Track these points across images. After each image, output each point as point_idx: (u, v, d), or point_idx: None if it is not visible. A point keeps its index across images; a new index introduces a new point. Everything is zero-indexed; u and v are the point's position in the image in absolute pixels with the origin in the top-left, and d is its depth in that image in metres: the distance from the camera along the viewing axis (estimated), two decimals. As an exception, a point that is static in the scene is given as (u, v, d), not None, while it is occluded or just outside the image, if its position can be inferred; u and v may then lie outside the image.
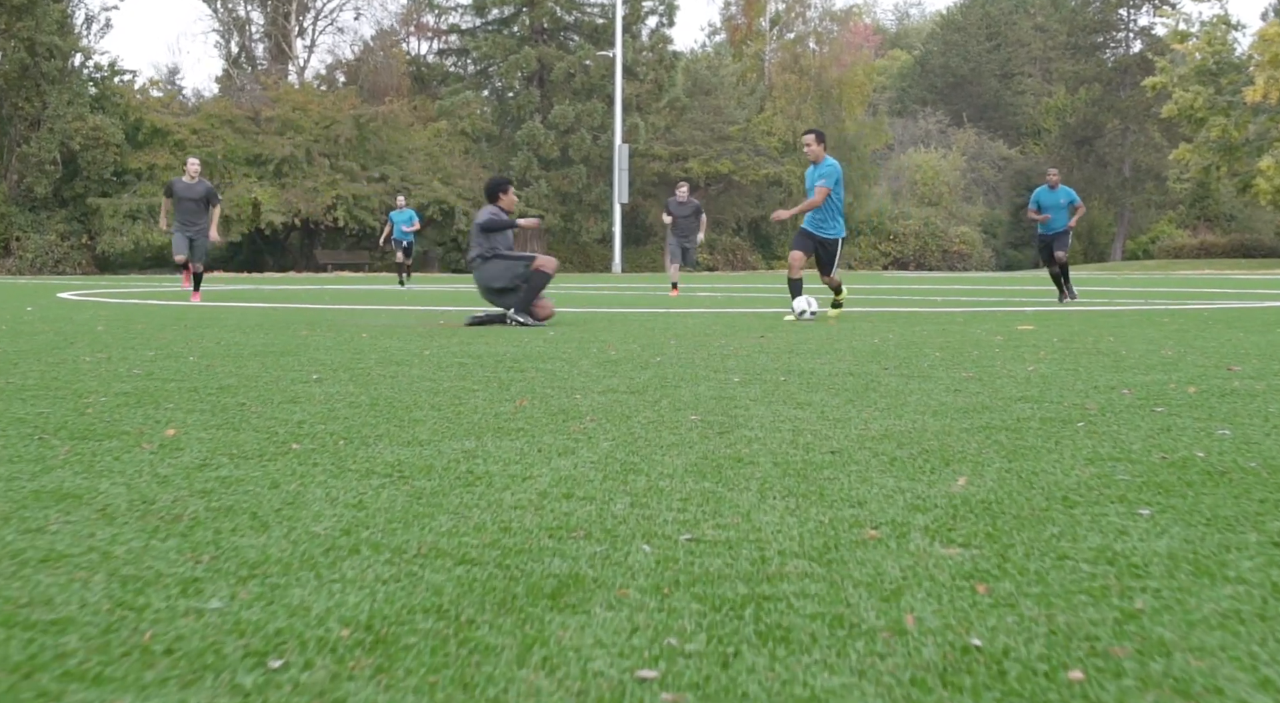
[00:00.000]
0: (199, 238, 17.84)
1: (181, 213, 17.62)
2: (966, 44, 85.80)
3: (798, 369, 6.69)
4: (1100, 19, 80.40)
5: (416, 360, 7.27)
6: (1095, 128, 77.99)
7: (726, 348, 8.37)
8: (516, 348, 8.36)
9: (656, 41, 60.28)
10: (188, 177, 17.89)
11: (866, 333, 9.95)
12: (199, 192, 17.67)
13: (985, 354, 7.68)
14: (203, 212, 17.70)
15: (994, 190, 77.83)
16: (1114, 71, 78.20)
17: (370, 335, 9.62)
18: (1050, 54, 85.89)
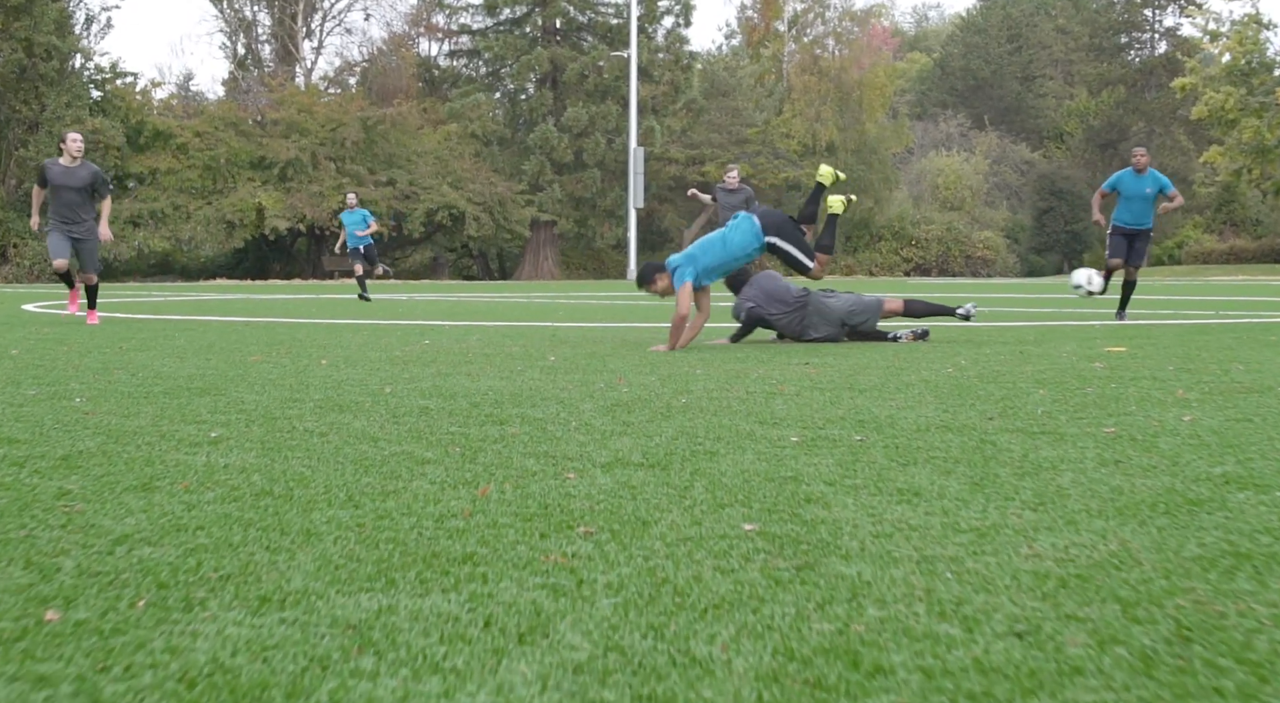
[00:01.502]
0: (86, 239, 13.39)
1: (60, 206, 13.13)
2: (987, 46, 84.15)
3: (872, 419, 5.00)
4: (1125, 20, 78.71)
5: (368, 404, 5.59)
6: (1120, 131, 76.21)
7: (768, 380, 6.69)
8: (505, 382, 6.68)
9: (672, 42, 58.68)
10: (66, 158, 13.14)
11: (931, 357, 8.25)
12: (82, 178, 13.15)
13: (1103, 393, 5.97)
14: (88, 204, 13.31)
15: (1017, 195, 76.11)
16: (1139, 73, 76.43)
17: (331, 362, 7.95)
18: (1072, 56, 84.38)
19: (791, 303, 10.10)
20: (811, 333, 10.08)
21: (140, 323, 13.65)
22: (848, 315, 10.09)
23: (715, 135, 58.70)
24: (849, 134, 62.35)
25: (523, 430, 4.70)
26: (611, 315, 15.56)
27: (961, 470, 3.75)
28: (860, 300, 10.22)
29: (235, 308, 18.50)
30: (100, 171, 13.52)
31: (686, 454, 4.10)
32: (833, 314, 10.07)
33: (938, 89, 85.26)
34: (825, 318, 10.08)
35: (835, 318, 10.08)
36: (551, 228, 56.39)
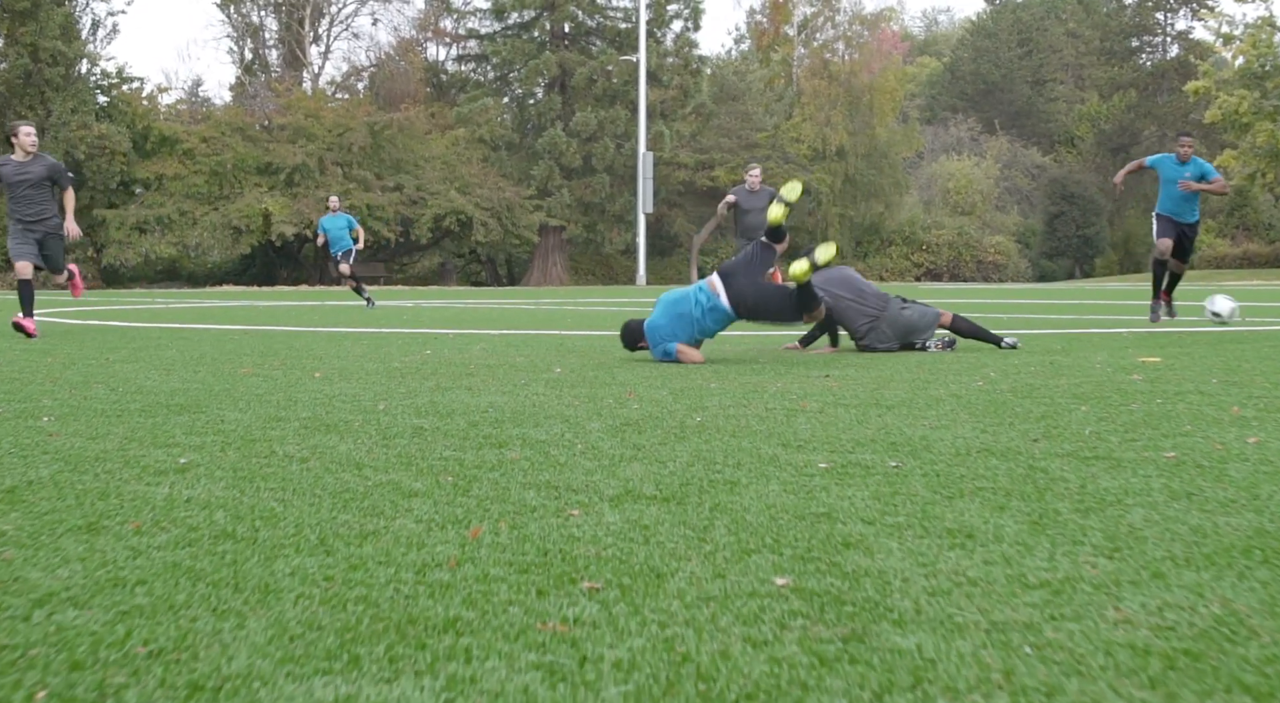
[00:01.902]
0: (51, 238, 12.27)
1: (17, 203, 11.88)
2: (997, 50, 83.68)
3: (906, 442, 4.57)
4: (1136, 23, 78.24)
5: (358, 423, 5.17)
6: (1131, 135, 75.75)
7: (787, 395, 6.27)
8: (507, 397, 6.26)
9: (681, 46, 58.20)
10: (20, 153, 11.91)
11: (958, 369, 7.82)
12: (37, 173, 11.84)
13: (1151, 410, 5.54)
14: (50, 200, 12.08)
15: (1028, 199, 75.63)
16: (1151, 76, 75.91)
17: (324, 375, 7.54)
18: (1083, 60, 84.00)
19: (871, 304, 9.65)
20: (877, 343, 9.58)
21: (135, 331, 13.25)
22: (912, 330, 9.64)
23: (725, 140, 58.26)
24: (859, 138, 61.88)
25: (523, 455, 4.28)
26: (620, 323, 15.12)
27: (1015, 505, 3.32)
28: (925, 315, 9.74)
29: (237, 316, 18.10)
30: (59, 164, 12.22)
31: (704, 484, 3.67)
32: (901, 327, 9.61)
33: (948, 93, 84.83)
34: (895, 329, 9.61)
35: (902, 331, 9.62)
36: (560, 233, 55.98)
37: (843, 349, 9.78)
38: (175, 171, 48.96)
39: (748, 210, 15.26)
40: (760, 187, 15.44)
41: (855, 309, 9.63)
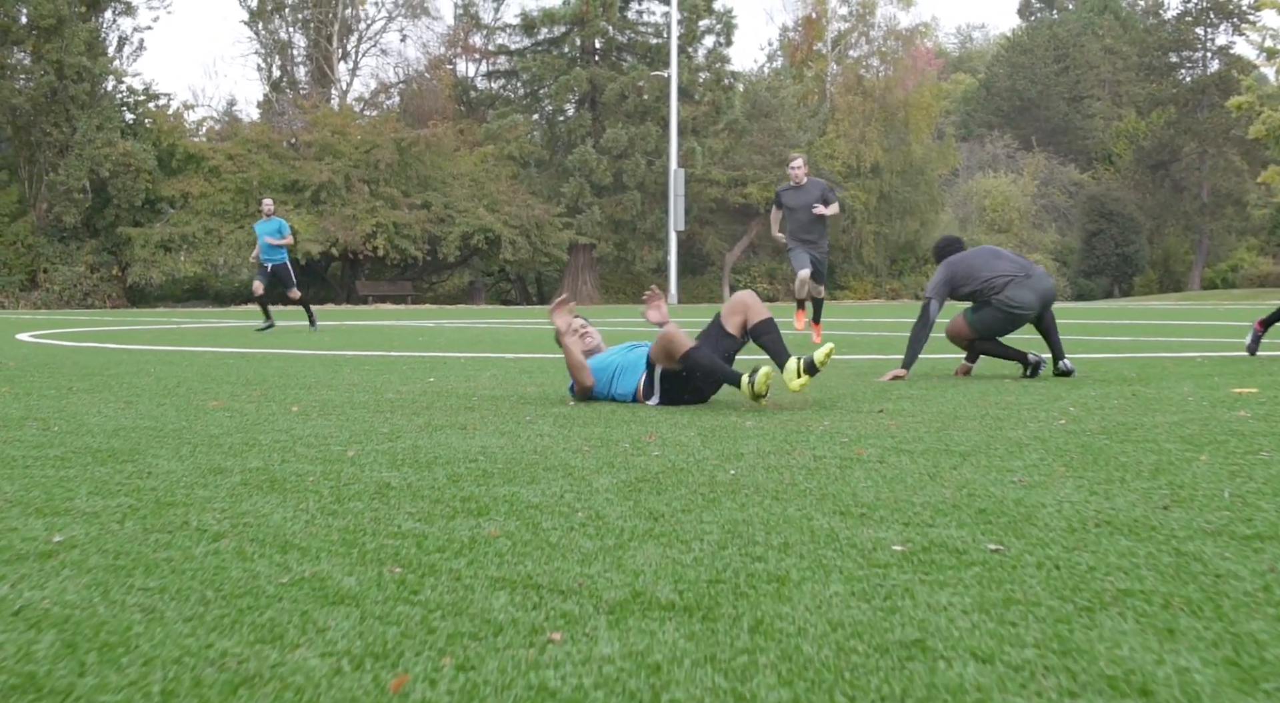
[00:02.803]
0: None
1: None
2: (1033, 66, 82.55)
3: (998, 508, 3.57)
4: (1175, 38, 76.96)
5: (312, 478, 4.20)
6: (1171, 151, 74.49)
7: (838, 437, 5.28)
8: (505, 439, 5.29)
9: (713, 61, 57.35)
10: None
11: (1030, 401, 6.81)
12: None
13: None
14: None
15: (1064, 216, 74.42)
16: (1191, 92, 74.53)
17: (303, 409, 6.58)
18: (1120, 77, 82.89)
19: (1010, 267, 8.82)
20: (1012, 299, 8.64)
21: (125, 355, 12.33)
22: (1050, 300, 8.88)
23: (758, 156, 57.26)
24: (894, 155, 60.86)
25: (505, 529, 3.30)
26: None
27: (1187, 626, 2.32)
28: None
29: (248, 337, 17.20)
30: None
31: (741, 583, 2.68)
32: (1044, 294, 8.84)
33: (983, 110, 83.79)
34: (1038, 295, 8.77)
35: (1044, 298, 8.81)
36: (590, 251, 55.08)
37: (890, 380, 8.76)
38: (201, 189, 48.33)
39: (795, 209, 13.61)
40: (807, 179, 13.69)
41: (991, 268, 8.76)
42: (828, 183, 13.91)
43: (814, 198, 13.42)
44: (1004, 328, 8.83)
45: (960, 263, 8.89)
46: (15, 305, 43.20)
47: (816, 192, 13.51)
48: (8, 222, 46.16)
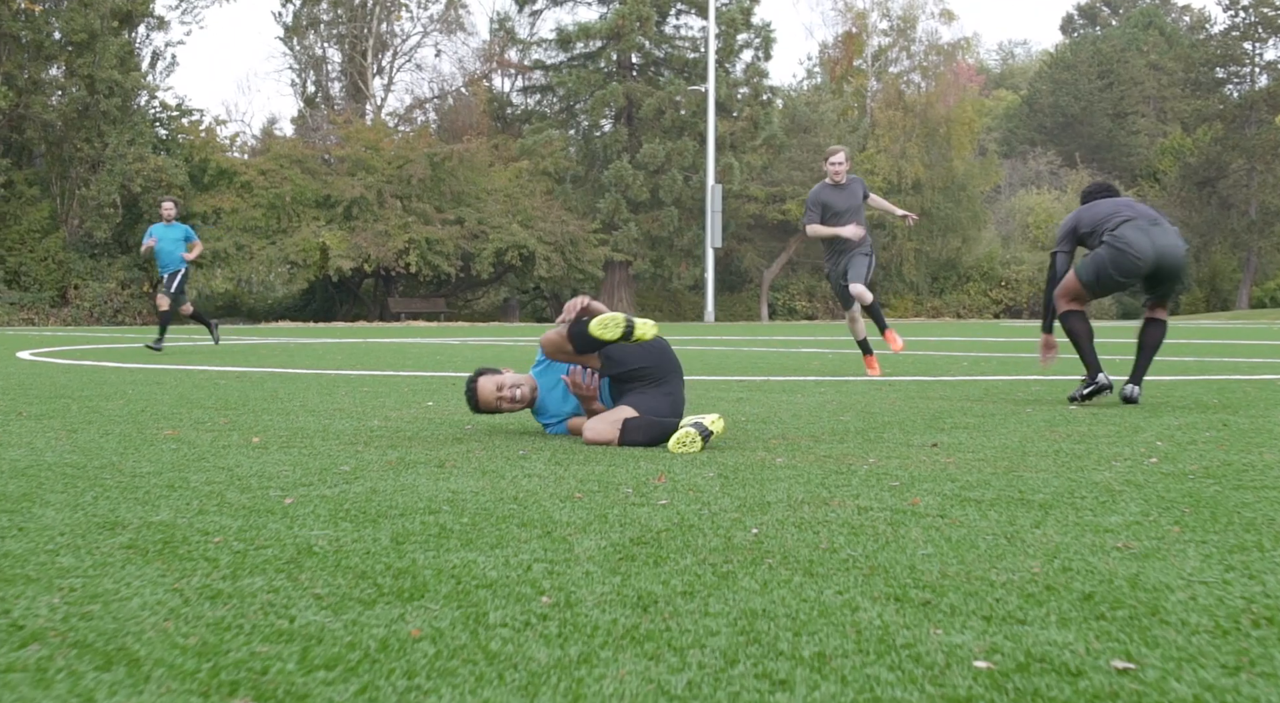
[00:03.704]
0: None
1: None
2: (1077, 83, 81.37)
3: (1107, 591, 2.65)
4: (1222, 54, 75.56)
5: (218, 540, 3.32)
6: (1218, 168, 73.00)
7: (886, 479, 4.37)
8: (485, 481, 4.40)
9: (751, 76, 56.45)
10: None
11: (1104, 432, 5.87)
12: None
13: None
14: None
15: (1110, 234, 73.05)
16: (1238, 108, 73.07)
17: (265, 441, 5.71)
18: (1165, 93, 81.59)
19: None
20: (1130, 244, 7.55)
21: (111, 373, 11.51)
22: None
23: (796, 172, 56.28)
24: (936, 171, 59.79)
25: (435, 625, 2.41)
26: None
27: None
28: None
29: (258, 355, 16.38)
30: None
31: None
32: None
33: (1025, 126, 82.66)
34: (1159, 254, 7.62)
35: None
36: (626, 268, 54.21)
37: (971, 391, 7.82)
38: (233, 205, 47.74)
39: (837, 212, 11.50)
40: (848, 178, 11.59)
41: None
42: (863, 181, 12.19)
43: (858, 198, 11.60)
44: (1110, 277, 7.61)
45: (1087, 210, 7.82)
46: (45, 322, 42.67)
47: (859, 190, 11.70)
48: (39, 238, 45.68)
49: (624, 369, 5.88)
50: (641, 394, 5.88)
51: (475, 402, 6.15)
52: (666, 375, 6.02)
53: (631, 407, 5.76)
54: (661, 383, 5.98)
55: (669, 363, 6.05)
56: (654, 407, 5.82)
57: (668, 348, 6.10)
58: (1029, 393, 8.76)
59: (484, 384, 6.12)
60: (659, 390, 5.94)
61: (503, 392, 6.09)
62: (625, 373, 5.89)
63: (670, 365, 6.05)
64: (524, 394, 6.12)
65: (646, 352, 5.92)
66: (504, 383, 6.11)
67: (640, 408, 5.77)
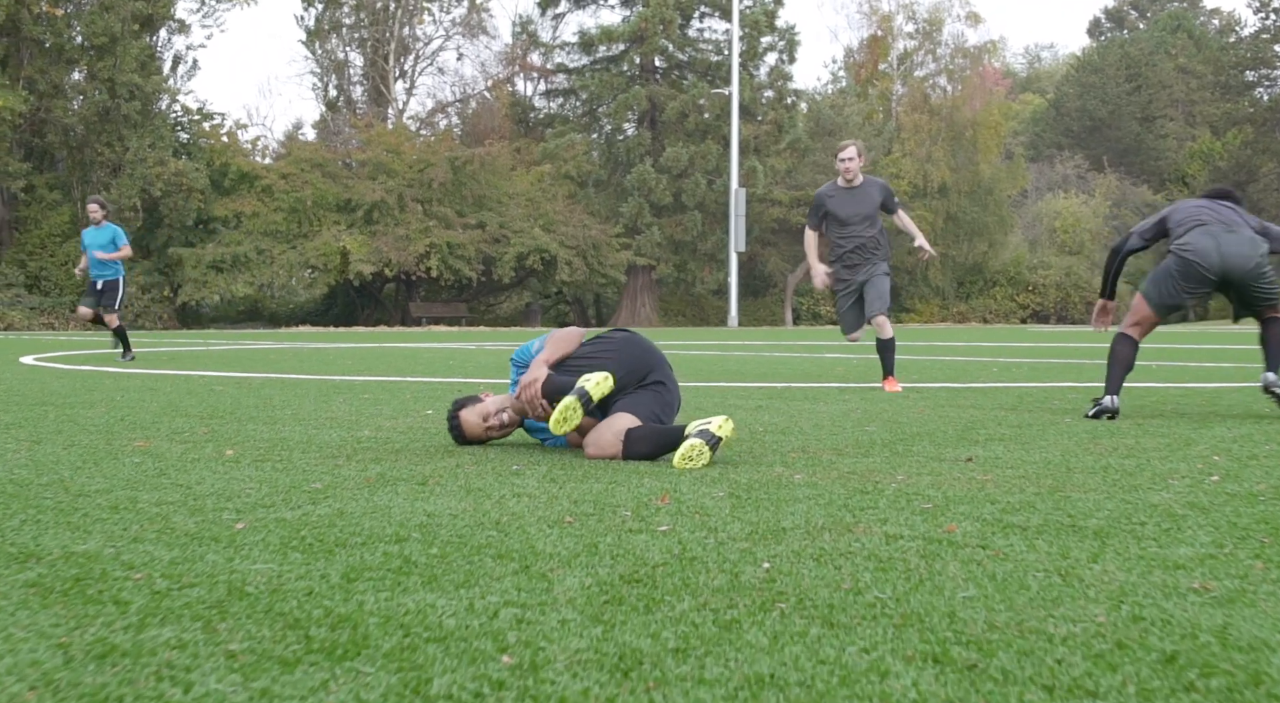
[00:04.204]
0: None
1: None
2: (1104, 86, 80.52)
3: (1189, 650, 2.17)
4: (1252, 56, 74.68)
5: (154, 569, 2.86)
6: (1248, 172, 72.06)
7: (917, 500, 3.89)
8: (468, 501, 3.94)
9: (775, 79, 55.94)
10: None
11: (1153, 445, 5.38)
12: None
13: None
14: None
15: (1138, 239, 72.22)
16: (1269, 111, 72.20)
17: (239, 454, 5.25)
18: (1194, 96, 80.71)
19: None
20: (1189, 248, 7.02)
21: (111, 379, 11.09)
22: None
23: (821, 176, 55.63)
24: (962, 175, 59.12)
25: (362, 700, 1.95)
26: (701, 370, 12.77)
27: None
28: None
29: (266, 360, 15.96)
30: None
31: None
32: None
33: (1052, 130, 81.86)
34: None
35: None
36: (649, 272, 53.70)
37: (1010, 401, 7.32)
38: (253, 209, 47.42)
39: (845, 221, 9.97)
40: (861, 178, 10.04)
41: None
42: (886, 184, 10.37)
43: (873, 204, 9.95)
44: (1174, 289, 7.10)
45: (1183, 206, 7.26)
46: (65, 326, 42.39)
47: (875, 195, 9.99)
48: (60, 242, 45.44)
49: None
50: (634, 396, 5.44)
51: (461, 438, 5.71)
52: (649, 371, 5.56)
53: (627, 412, 5.30)
54: (648, 380, 5.54)
55: (647, 359, 5.57)
56: (649, 407, 5.39)
57: (636, 343, 5.62)
58: (1065, 401, 8.26)
59: (467, 418, 5.69)
60: (648, 389, 5.50)
61: (489, 422, 5.67)
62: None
63: (648, 360, 5.58)
64: (511, 418, 5.68)
65: (621, 361, 5.47)
66: (488, 412, 5.68)
67: (637, 411, 5.32)
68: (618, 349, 5.51)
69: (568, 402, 5.08)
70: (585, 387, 5.14)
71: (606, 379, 5.21)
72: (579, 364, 5.47)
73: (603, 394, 5.19)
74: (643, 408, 5.35)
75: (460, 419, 5.66)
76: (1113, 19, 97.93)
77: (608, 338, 5.67)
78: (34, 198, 45.46)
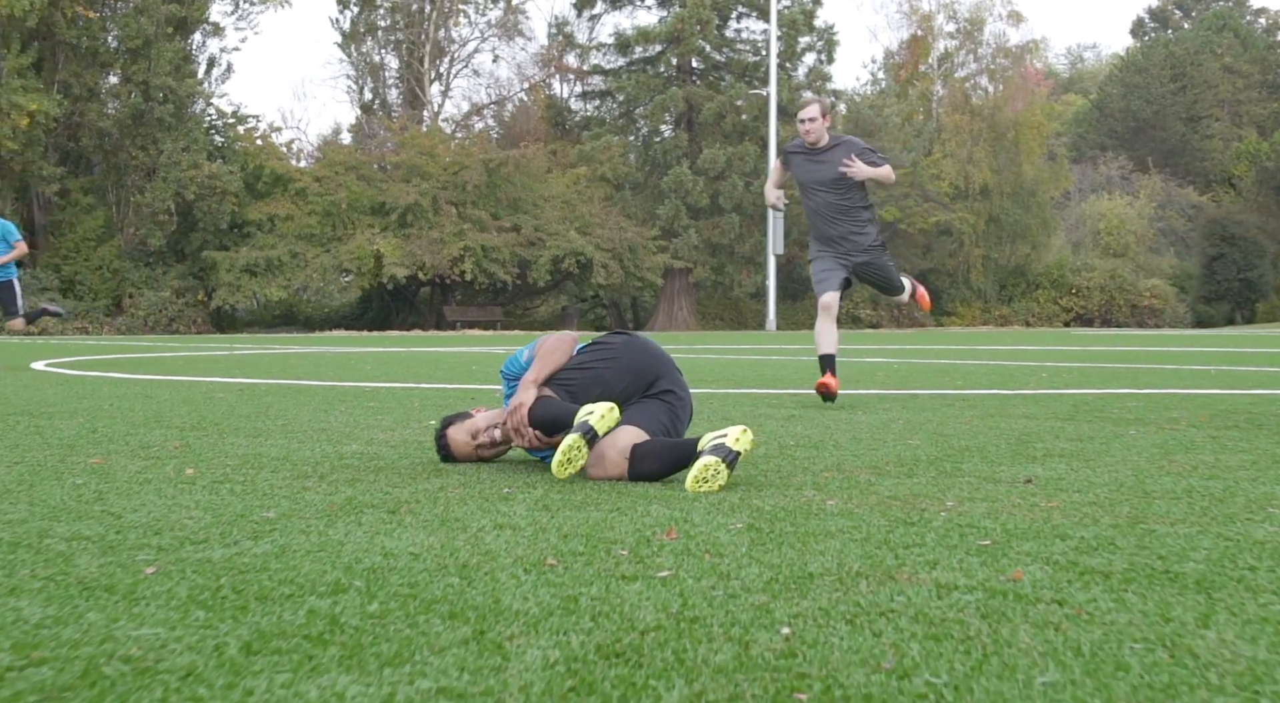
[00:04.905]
0: None
1: None
2: (1148, 86, 79.35)
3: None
4: (1300, 55, 73.57)
5: (26, 636, 2.26)
6: (1296, 172, 70.94)
7: (972, 534, 3.24)
8: (437, 536, 3.32)
9: (814, 79, 55.21)
10: None
11: (1235, 463, 4.72)
12: None
13: None
14: None
15: (1183, 241, 71.06)
16: (1317, 111, 71.09)
17: (197, 472, 4.66)
18: (1240, 96, 79.50)
19: None
20: None
21: (109, 386, 10.56)
22: None
23: (860, 179, 54.89)
24: (1004, 176, 58.20)
25: None
26: (735, 375, 12.12)
27: None
28: None
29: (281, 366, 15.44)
30: None
31: None
32: None
33: (1096, 131, 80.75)
34: None
35: None
36: (686, 276, 53.03)
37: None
38: (287, 212, 47.06)
39: (812, 186, 8.68)
40: (829, 137, 8.56)
41: None
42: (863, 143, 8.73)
43: (833, 171, 8.53)
44: None
45: None
46: (99, 331, 42.12)
47: (840, 152, 8.53)
48: (94, 246, 45.20)
49: (607, 396, 4.81)
50: (640, 406, 4.82)
51: (450, 458, 5.10)
52: (655, 378, 4.94)
53: (633, 425, 4.68)
54: (654, 388, 4.92)
55: (652, 364, 4.95)
56: (657, 418, 4.77)
57: (639, 347, 5.00)
58: (1126, 410, 7.58)
59: (455, 436, 5.08)
60: (656, 398, 4.88)
61: (479, 439, 5.06)
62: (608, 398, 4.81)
63: (654, 365, 4.95)
64: (504, 434, 5.05)
65: (623, 369, 4.85)
66: (478, 429, 5.06)
67: (644, 424, 4.70)
68: (617, 356, 4.90)
69: (570, 442, 4.43)
70: (589, 422, 4.49)
71: (612, 410, 4.55)
72: (574, 376, 4.86)
73: (609, 428, 4.54)
74: (650, 420, 4.74)
75: (448, 438, 5.06)
76: (1157, 18, 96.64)
77: (605, 344, 5.05)
78: (68, 202, 45.30)
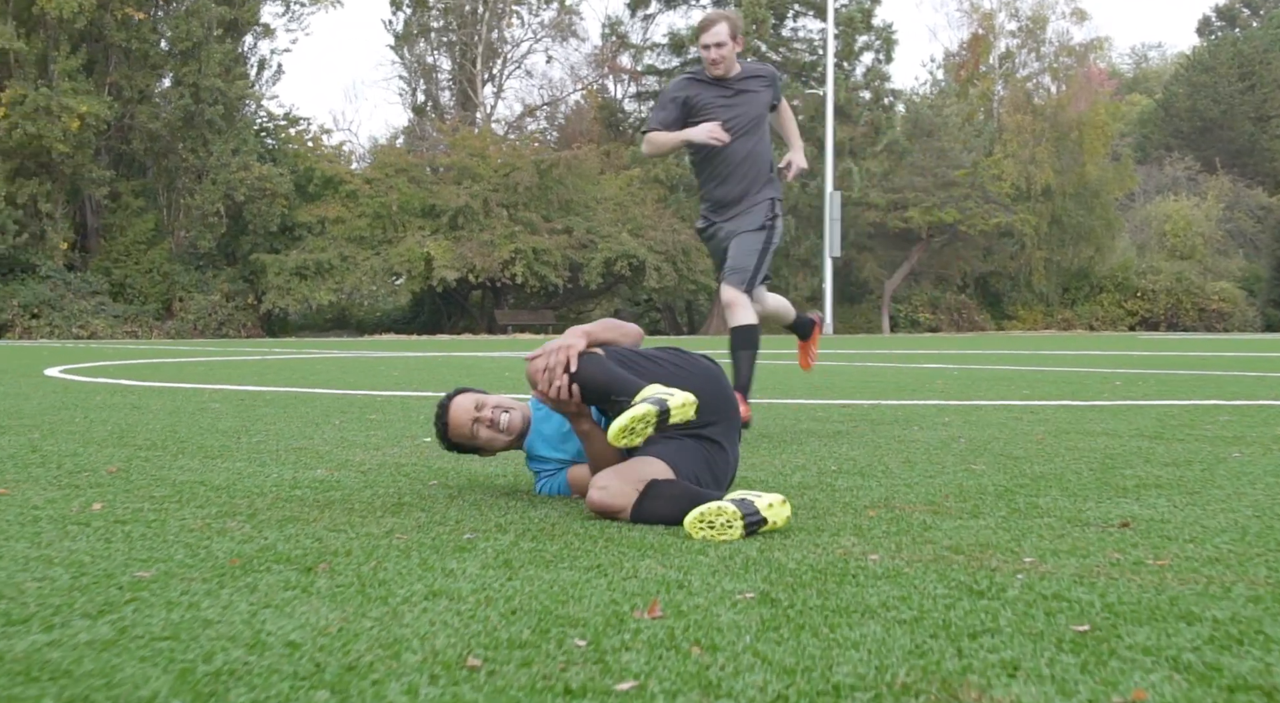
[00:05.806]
0: None
1: None
2: (1216, 85, 77.66)
3: None
4: (1375, 51, 71.68)
5: None
6: (1366, 173, 69.19)
7: (1061, 607, 2.38)
8: (333, 617, 2.50)
9: (872, 79, 54.17)
10: None
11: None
12: None
13: None
14: None
15: (1252, 243, 69.38)
16: (1390, 109, 69.17)
17: (106, 507, 3.86)
18: (1312, 96, 77.75)
19: None
20: None
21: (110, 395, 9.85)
22: None
23: (919, 178, 53.78)
24: (1067, 177, 56.86)
25: None
26: (782, 383, 11.24)
27: None
28: None
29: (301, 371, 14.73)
30: None
31: None
32: None
33: (1161, 131, 79.11)
34: None
35: None
36: (741, 279, 52.14)
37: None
38: (337, 214, 46.61)
39: (725, 118, 6.45)
40: (744, 67, 6.52)
41: None
42: (774, 71, 6.73)
43: (759, 106, 6.54)
44: None
45: None
46: (149, 335, 41.78)
47: (764, 96, 6.57)
48: (144, 249, 44.90)
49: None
50: (679, 443, 3.89)
51: (446, 429, 4.27)
52: (713, 422, 3.97)
53: (663, 460, 3.79)
54: (704, 430, 3.95)
55: (721, 406, 3.98)
56: (692, 465, 3.85)
57: (715, 378, 4.09)
58: (1221, 426, 6.65)
59: (459, 402, 4.25)
60: (701, 443, 3.94)
61: (482, 413, 4.20)
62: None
63: (721, 407, 3.98)
64: (510, 422, 4.20)
65: (692, 386, 3.92)
66: (485, 403, 4.23)
67: (676, 463, 3.80)
68: (692, 371, 3.98)
69: (643, 413, 3.53)
70: (668, 402, 3.62)
71: (690, 405, 3.69)
72: (639, 361, 3.94)
73: (681, 421, 3.66)
74: (686, 463, 3.81)
75: (451, 405, 4.24)
76: (1224, 17, 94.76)
77: (685, 352, 4.16)
78: (119, 205, 45.06)
